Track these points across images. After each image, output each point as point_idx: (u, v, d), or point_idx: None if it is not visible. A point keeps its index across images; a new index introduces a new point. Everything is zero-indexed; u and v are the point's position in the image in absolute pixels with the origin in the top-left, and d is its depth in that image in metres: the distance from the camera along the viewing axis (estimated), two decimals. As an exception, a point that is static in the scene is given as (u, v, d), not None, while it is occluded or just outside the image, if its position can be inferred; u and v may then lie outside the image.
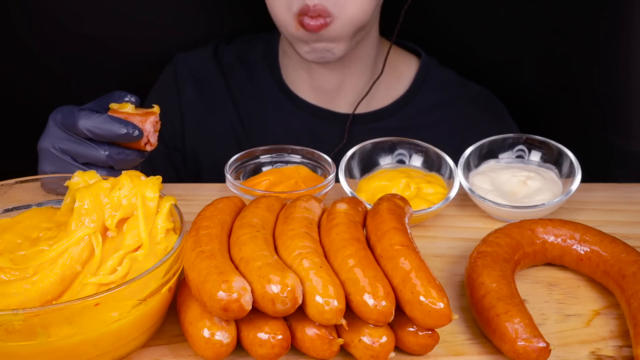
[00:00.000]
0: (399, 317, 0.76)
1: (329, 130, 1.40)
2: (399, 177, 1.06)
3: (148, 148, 1.01)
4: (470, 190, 1.05)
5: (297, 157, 1.13)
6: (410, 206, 0.91)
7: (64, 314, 0.70)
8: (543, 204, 1.02)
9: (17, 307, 0.71)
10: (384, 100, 1.42)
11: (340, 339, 0.76)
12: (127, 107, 1.01)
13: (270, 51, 1.45)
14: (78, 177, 0.86)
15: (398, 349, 0.78)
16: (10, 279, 0.78)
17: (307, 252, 0.78)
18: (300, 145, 1.14)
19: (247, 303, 0.72)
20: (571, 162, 1.07)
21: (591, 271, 0.90)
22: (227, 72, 1.45)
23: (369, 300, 0.73)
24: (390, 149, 1.13)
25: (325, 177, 1.08)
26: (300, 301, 0.73)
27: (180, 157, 1.46)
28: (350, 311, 0.75)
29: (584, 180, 1.05)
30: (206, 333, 0.74)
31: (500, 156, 1.12)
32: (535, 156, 1.11)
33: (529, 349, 0.75)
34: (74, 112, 0.99)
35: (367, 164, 1.11)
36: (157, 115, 1.01)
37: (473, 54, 1.54)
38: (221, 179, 1.08)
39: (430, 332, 0.77)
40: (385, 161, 1.13)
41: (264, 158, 1.13)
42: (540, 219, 0.94)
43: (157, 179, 0.85)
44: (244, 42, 1.48)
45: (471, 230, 1.02)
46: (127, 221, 0.83)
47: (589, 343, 0.81)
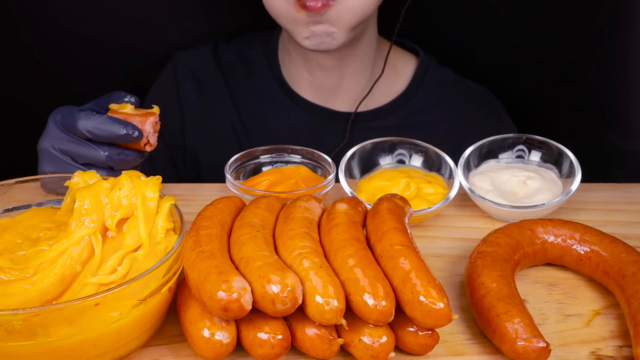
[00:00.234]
0: (399, 317, 0.76)
1: (328, 129, 1.40)
2: (399, 177, 1.06)
3: (148, 149, 1.01)
4: (470, 190, 1.05)
5: (297, 157, 1.13)
6: (410, 206, 0.91)
7: (64, 314, 0.70)
8: (543, 204, 1.02)
9: (17, 307, 0.71)
10: (383, 99, 1.42)
11: (340, 339, 0.76)
12: (127, 108, 1.01)
13: (270, 49, 1.45)
14: (78, 177, 0.86)
15: (398, 349, 0.78)
16: (10, 279, 0.78)
17: (307, 252, 0.78)
18: (299, 143, 1.14)
19: (247, 303, 0.72)
20: (571, 162, 1.07)
21: (591, 271, 0.90)
22: (227, 71, 1.45)
23: (369, 300, 0.73)
24: (390, 149, 1.13)
25: (325, 177, 1.08)
26: (300, 301, 0.73)
27: (180, 156, 1.46)
28: (350, 311, 0.75)
29: (584, 180, 1.05)
30: (206, 333, 0.74)
31: (500, 156, 1.12)
32: (535, 156, 1.12)
33: (529, 349, 0.75)
34: (74, 112, 0.99)
35: (367, 164, 1.11)
36: (157, 115, 1.01)
37: (472, 54, 1.54)
38: (221, 177, 1.08)
39: (430, 332, 0.77)
40: (385, 161, 1.13)
41: (264, 158, 1.13)
42: (540, 219, 0.94)
43: (157, 179, 0.85)
44: (244, 40, 1.48)
45: (471, 230, 1.02)
46: (127, 221, 0.83)
47: (589, 343, 0.81)
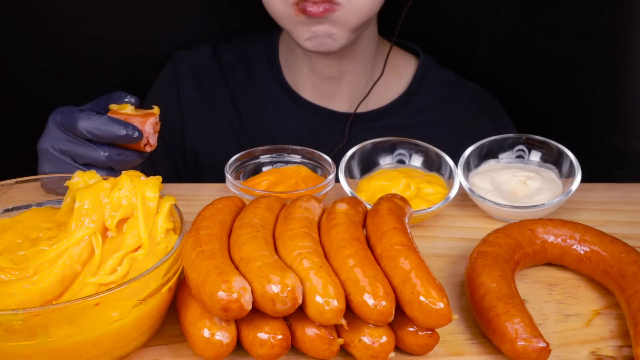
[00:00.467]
0: (399, 317, 0.76)
1: (328, 129, 1.40)
2: (399, 177, 1.06)
3: (148, 149, 1.01)
4: (470, 190, 1.05)
5: (297, 157, 1.13)
6: (410, 206, 0.91)
7: (64, 314, 0.70)
8: (543, 204, 1.02)
9: (17, 307, 0.71)
10: (383, 100, 1.42)
11: (340, 339, 0.76)
12: (127, 108, 1.01)
13: (270, 49, 1.44)
14: (78, 177, 0.86)
15: (398, 349, 0.78)
16: (10, 279, 0.78)
17: (307, 252, 0.78)
18: (299, 144, 1.14)
19: (247, 303, 0.72)
20: (571, 162, 1.07)
21: (591, 271, 0.90)
22: (227, 71, 1.45)
23: (369, 300, 0.73)
24: (390, 149, 1.13)
25: (325, 177, 1.08)
26: (300, 301, 0.73)
27: (181, 155, 1.46)
28: (350, 311, 0.75)
29: (584, 180, 1.05)
30: (206, 333, 0.74)
31: (500, 156, 1.12)
32: (535, 156, 1.12)
33: (529, 349, 0.75)
34: (74, 112, 0.99)
35: (367, 164, 1.11)
36: (157, 116, 1.01)
37: (473, 54, 1.54)
38: (221, 177, 1.08)
39: (430, 332, 0.77)
40: (385, 161, 1.13)
41: (264, 158, 1.13)
42: (540, 219, 0.94)
43: (157, 179, 0.85)
44: (244, 40, 1.48)
45: (471, 230, 1.02)
46: (127, 221, 0.83)
47: (589, 343, 0.81)
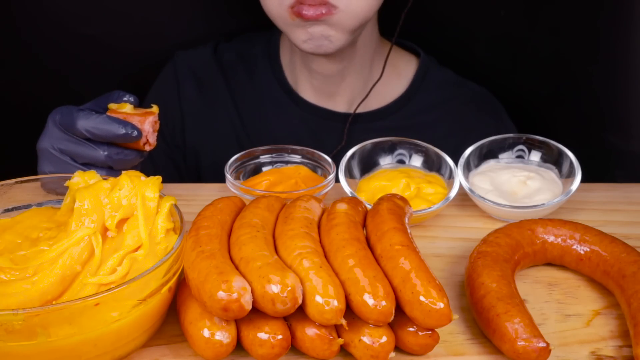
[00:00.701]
0: (399, 317, 0.76)
1: (328, 129, 1.40)
2: (399, 177, 1.06)
3: (147, 148, 1.01)
4: (470, 190, 1.05)
5: (297, 157, 1.13)
6: (410, 206, 0.91)
7: (64, 314, 0.70)
8: (543, 204, 1.02)
9: (17, 307, 0.71)
10: (383, 100, 1.42)
11: (340, 339, 0.76)
12: (126, 107, 1.01)
13: (271, 49, 1.44)
14: (78, 177, 0.86)
15: (398, 349, 0.78)
16: (10, 279, 0.78)
17: (307, 252, 0.78)
18: (299, 144, 1.14)
19: (247, 303, 0.72)
20: (571, 162, 1.07)
21: (591, 271, 0.90)
22: (227, 70, 1.45)
23: (369, 300, 0.73)
24: (390, 149, 1.13)
25: (325, 177, 1.08)
26: (300, 301, 0.73)
27: (181, 155, 1.46)
28: (350, 311, 0.75)
29: (584, 180, 1.05)
30: (206, 333, 0.74)
31: (500, 156, 1.12)
32: (535, 156, 1.12)
33: (529, 349, 0.75)
34: (73, 112, 0.99)
35: (367, 164, 1.11)
36: (156, 115, 1.01)
37: (473, 54, 1.54)
38: (222, 176, 1.08)
39: (430, 332, 0.77)
40: (385, 161, 1.13)
41: (264, 158, 1.13)
42: (540, 219, 0.94)
43: (157, 179, 0.85)
44: (244, 40, 1.48)
45: (471, 230, 1.02)
46: (127, 221, 0.83)
47: (589, 343, 0.81)
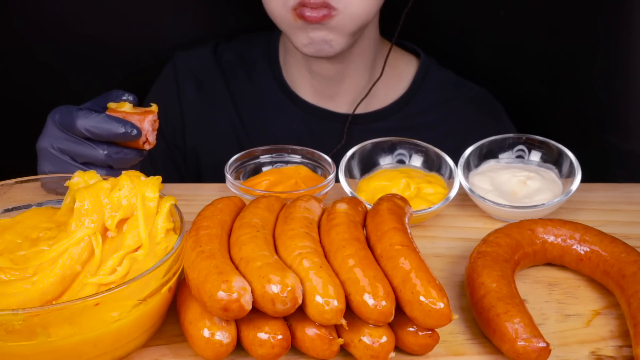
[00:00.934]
0: (399, 317, 0.76)
1: (328, 130, 1.40)
2: (399, 177, 1.06)
3: (146, 147, 1.01)
4: (470, 190, 1.05)
5: (297, 157, 1.13)
6: (410, 206, 0.91)
7: (64, 314, 0.70)
8: (543, 204, 1.02)
9: (17, 307, 0.71)
10: (384, 101, 1.42)
11: (340, 339, 0.76)
12: (125, 106, 1.01)
13: (271, 50, 1.44)
14: (78, 177, 0.86)
15: (398, 349, 0.78)
16: (10, 279, 0.78)
17: (307, 252, 0.78)
18: (300, 145, 1.14)
19: (247, 303, 0.72)
20: (571, 162, 1.07)
21: (591, 271, 0.90)
22: (227, 71, 1.45)
23: (369, 300, 0.73)
24: (390, 149, 1.13)
25: (325, 177, 1.08)
26: (300, 301, 0.73)
27: (181, 155, 1.46)
28: (350, 311, 0.75)
29: (584, 180, 1.05)
30: (206, 333, 0.74)
31: (500, 156, 1.12)
32: (535, 156, 1.12)
33: (529, 349, 0.75)
34: (72, 111, 0.99)
35: (367, 164, 1.11)
36: (156, 114, 1.01)
37: (473, 54, 1.54)
38: (222, 176, 1.08)
39: (430, 332, 0.77)
40: (385, 161, 1.13)
41: (264, 158, 1.13)
42: (540, 219, 0.94)
43: (157, 179, 0.85)
44: (244, 41, 1.48)
45: (471, 230, 1.02)
46: (127, 221, 0.83)
47: (589, 343, 0.81)
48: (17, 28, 1.48)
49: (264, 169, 1.12)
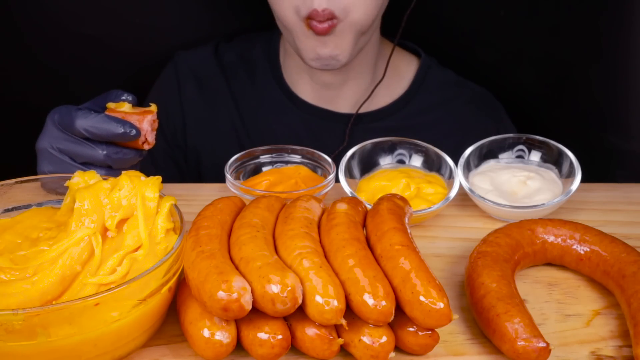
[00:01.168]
0: (399, 317, 0.76)
1: (329, 130, 1.40)
2: (399, 177, 1.06)
3: (146, 147, 1.01)
4: (470, 190, 1.05)
5: (297, 157, 1.13)
6: (410, 206, 0.91)
7: (64, 313, 0.70)
8: (543, 204, 1.02)
9: (17, 307, 0.71)
10: (384, 100, 1.42)
11: (340, 338, 0.76)
12: (125, 106, 1.00)
13: (272, 50, 1.44)
14: (78, 177, 0.86)
15: (398, 348, 0.78)
16: (10, 278, 0.78)
17: (307, 252, 0.78)
18: (300, 145, 1.14)
19: (247, 303, 0.72)
20: (571, 162, 1.07)
21: (591, 271, 0.90)
22: (228, 71, 1.45)
23: (369, 300, 0.73)
24: (390, 149, 1.13)
25: (325, 177, 1.08)
26: (300, 301, 0.73)
27: (182, 155, 1.46)
28: (350, 311, 0.75)
29: (584, 180, 1.05)
30: (206, 333, 0.74)
31: (500, 156, 1.12)
32: (535, 156, 1.11)
33: (529, 349, 0.75)
34: (72, 111, 0.99)
35: (367, 164, 1.11)
36: (155, 114, 1.01)
37: (473, 54, 1.54)
38: (222, 177, 1.08)
39: (430, 332, 0.77)
40: (385, 161, 1.13)
41: (264, 158, 1.13)
42: (540, 219, 0.94)
43: (157, 179, 0.85)
44: (245, 41, 1.48)
45: (471, 230, 1.02)
46: (127, 221, 0.83)
47: (589, 343, 0.81)
48: (17, 28, 1.48)
49: (264, 169, 1.12)
